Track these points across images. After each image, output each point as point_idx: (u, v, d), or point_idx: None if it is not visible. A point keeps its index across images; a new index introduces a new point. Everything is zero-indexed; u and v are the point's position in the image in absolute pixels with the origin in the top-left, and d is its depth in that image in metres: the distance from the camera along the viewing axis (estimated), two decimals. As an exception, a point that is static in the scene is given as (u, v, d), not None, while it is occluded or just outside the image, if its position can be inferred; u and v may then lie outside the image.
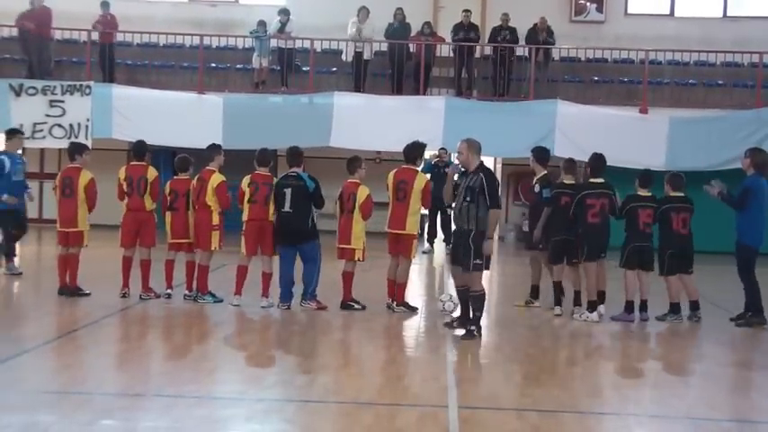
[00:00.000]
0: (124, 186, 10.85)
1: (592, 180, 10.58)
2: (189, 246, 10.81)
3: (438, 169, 16.22)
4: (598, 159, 10.68)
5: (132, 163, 11.12)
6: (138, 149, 11.16)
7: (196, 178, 10.76)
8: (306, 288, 10.49)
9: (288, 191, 10.30)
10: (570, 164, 10.95)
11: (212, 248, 10.63)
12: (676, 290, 10.54)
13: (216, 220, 10.62)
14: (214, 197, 10.55)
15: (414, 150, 10.57)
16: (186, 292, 10.85)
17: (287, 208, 10.29)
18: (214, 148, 11.01)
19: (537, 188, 10.85)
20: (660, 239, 10.58)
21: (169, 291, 10.87)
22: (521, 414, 6.48)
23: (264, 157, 10.70)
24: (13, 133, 13.04)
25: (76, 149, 11.05)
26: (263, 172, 10.59)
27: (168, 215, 10.85)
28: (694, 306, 10.55)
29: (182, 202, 10.74)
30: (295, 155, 10.61)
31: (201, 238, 10.64)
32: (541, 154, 11.04)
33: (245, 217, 10.55)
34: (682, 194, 10.59)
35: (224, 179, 10.66)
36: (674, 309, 10.53)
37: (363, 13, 19.24)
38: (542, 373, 8.00)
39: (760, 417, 6.78)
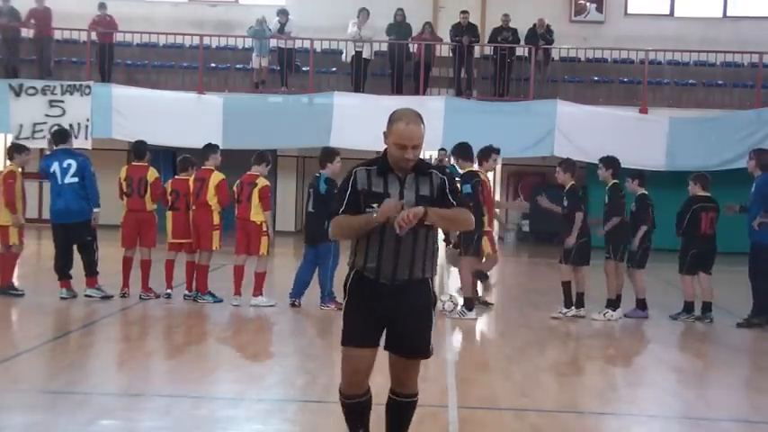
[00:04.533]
0: (124, 187, 10.86)
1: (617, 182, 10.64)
2: (189, 246, 10.82)
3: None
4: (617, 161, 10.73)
5: (133, 163, 11.14)
6: (139, 150, 11.17)
7: (193, 178, 10.78)
8: (322, 290, 10.49)
9: (311, 191, 10.48)
10: (570, 164, 10.83)
11: (213, 248, 10.66)
12: (692, 289, 10.58)
13: (216, 219, 10.65)
14: (215, 196, 10.59)
15: None
16: (186, 291, 10.86)
17: (310, 208, 10.46)
18: (210, 147, 11.04)
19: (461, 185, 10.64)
20: (685, 238, 10.61)
21: (169, 291, 10.87)
22: (520, 414, 6.48)
23: (257, 158, 10.74)
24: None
25: (15, 149, 11.07)
26: (253, 172, 10.64)
27: (169, 215, 10.88)
28: (707, 307, 10.58)
29: (182, 202, 10.77)
30: (322, 156, 10.55)
31: (202, 238, 10.66)
32: (462, 152, 10.58)
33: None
34: (709, 194, 10.63)
35: (224, 177, 10.68)
36: (688, 308, 10.59)
37: (364, 14, 19.26)
38: (542, 373, 8.00)
39: (759, 417, 6.78)
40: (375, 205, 4.56)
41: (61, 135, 10.98)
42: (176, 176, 11.04)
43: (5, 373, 7.39)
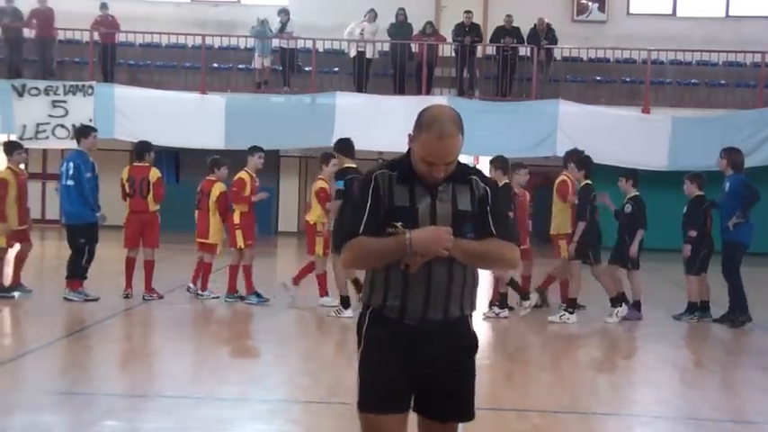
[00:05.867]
0: (126, 187, 10.87)
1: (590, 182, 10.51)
2: (209, 246, 10.90)
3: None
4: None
5: (135, 164, 11.15)
6: (138, 150, 11.19)
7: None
8: None
9: None
10: (502, 162, 10.48)
11: (237, 246, 10.70)
12: (698, 290, 10.55)
13: (237, 219, 10.66)
14: (236, 195, 10.69)
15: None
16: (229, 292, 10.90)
17: None
18: (250, 149, 11.04)
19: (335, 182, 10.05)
20: (696, 240, 10.45)
21: (205, 292, 10.93)
22: (521, 414, 6.48)
23: (322, 159, 10.61)
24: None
25: (9, 148, 11.04)
26: (319, 176, 10.63)
27: (196, 214, 11.08)
28: (706, 306, 10.57)
29: (205, 202, 10.88)
30: None
31: (229, 237, 10.79)
32: (342, 147, 10.15)
33: None
34: (704, 193, 10.60)
35: (242, 177, 10.67)
36: (692, 308, 10.55)
37: (371, 15, 19.29)
38: (543, 373, 8.01)
39: (762, 418, 6.78)
40: (399, 224, 3.46)
41: (74, 133, 10.99)
42: (207, 177, 11.12)
43: (9, 374, 7.40)
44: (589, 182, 10.39)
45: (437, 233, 3.37)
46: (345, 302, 9.97)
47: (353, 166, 10.01)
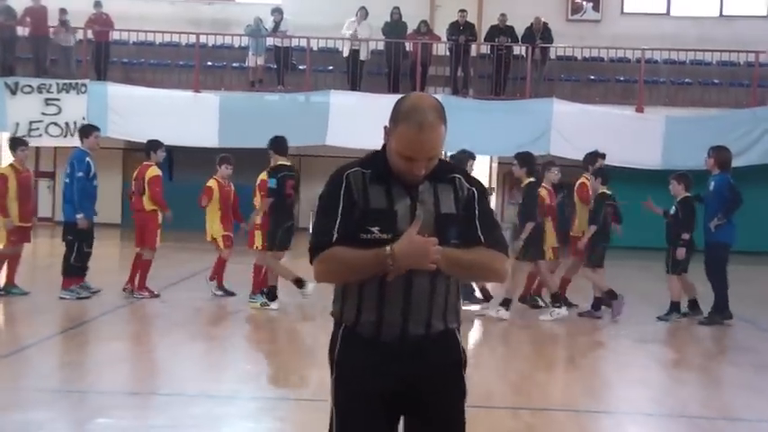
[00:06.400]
0: (132, 186, 10.93)
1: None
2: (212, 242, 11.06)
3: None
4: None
5: (145, 163, 11.09)
6: (145, 148, 11.18)
7: None
8: None
9: None
10: (460, 160, 10.29)
11: (254, 247, 10.66)
12: (680, 288, 10.52)
13: (258, 219, 10.61)
14: (258, 196, 10.65)
15: None
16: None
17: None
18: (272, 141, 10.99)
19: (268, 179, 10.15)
20: (683, 240, 10.39)
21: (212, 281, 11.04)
22: (515, 413, 6.50)
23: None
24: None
25: (13, 144, 11.00)
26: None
27: None
28: (695, 304, 10.55)
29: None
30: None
31: (249, 237, 10.78)
32: (275, 145, 10.34)
33: None
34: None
35: (263, 179, 10.53)
36: (677, 307, 10.51)
37: (362, 13, 19.27)
38: (537, 371, 8.02)
39: (751, 415, 6.81)
40: (375, 229, 3.05)
41: (77, 132, 10.96)
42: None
43: (3, 371, 7.40)
44: (532, 179, 10.33)
45: (423, 246, 2.93)
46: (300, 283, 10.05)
47: (287, 164, 10.21)
